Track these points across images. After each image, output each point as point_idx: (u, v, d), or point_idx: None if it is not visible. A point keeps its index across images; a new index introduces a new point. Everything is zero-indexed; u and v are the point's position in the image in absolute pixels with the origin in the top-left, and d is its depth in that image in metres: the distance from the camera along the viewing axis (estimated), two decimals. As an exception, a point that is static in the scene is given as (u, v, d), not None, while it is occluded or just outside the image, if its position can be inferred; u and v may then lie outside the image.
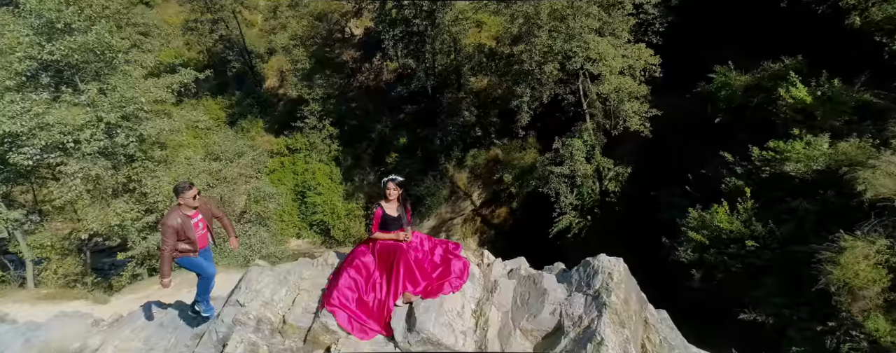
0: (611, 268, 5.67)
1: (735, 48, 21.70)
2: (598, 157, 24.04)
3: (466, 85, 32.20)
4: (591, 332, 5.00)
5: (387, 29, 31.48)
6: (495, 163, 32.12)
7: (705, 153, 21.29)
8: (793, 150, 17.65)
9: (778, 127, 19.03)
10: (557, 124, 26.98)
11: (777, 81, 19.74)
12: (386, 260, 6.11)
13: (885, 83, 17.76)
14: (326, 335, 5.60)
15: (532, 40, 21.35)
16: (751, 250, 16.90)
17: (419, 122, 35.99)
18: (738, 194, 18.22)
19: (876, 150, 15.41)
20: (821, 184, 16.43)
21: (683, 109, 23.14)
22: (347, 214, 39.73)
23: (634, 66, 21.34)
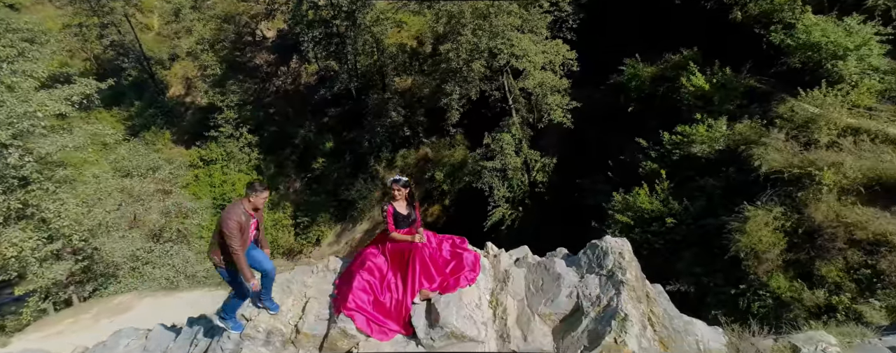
0: (620, 248, 6.17)
1: (641, 42, 23.66)
2: (526, 150, 25.17)
3: (391, 85, 32.23)
4: (612, 309, 5.40)
5: (304, 30, 30.65)
6: (425, 162, 32.47)
7: (622, 140, 23.07)
8: (697, 133, 19.67)
9: (683, 113, 21.10)
10: (484, 121, 27.83)
11: (679, 71, 21.90)
12: (399, 260, 6.18)
13: (765, 70, 20.33)
14: (345, 340, 5.54)
15: (458, 39, 21.95)
16: (670, 226, 18.62)
17: (344, 124, 35.44)
18: (655, 176, 19.99)
19: (765, 129, 17.61)
20: (723, 162, 18.50)
21: (599, 101, 24.87)
22: (275, 224, 38.17)
23: (554, 61, 22.62)
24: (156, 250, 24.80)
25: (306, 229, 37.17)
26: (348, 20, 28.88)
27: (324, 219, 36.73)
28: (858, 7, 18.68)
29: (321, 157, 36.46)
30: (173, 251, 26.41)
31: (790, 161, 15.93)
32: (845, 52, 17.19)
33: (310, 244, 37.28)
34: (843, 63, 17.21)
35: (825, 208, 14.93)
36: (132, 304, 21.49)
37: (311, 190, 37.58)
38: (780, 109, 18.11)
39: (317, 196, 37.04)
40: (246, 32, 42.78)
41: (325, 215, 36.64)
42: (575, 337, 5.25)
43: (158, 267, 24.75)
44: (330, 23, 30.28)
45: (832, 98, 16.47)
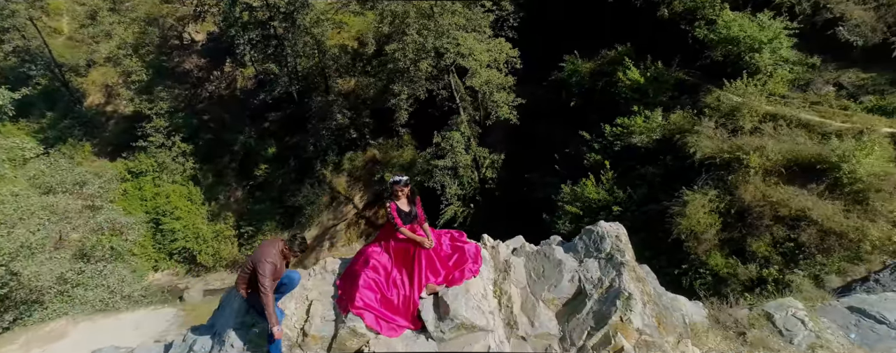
0: (616, 232, 6.60)
1: (578, 39, 24.80)
2: (475, 147, 25.71)
3: (334, 87, 31.77)
4: (615, 290, 5.78)
5: (239, 33, 29.56)
6: (374, 163, 32.31)
7: (566, 134, 24.14)
8: (635, 124, 20.98)
9: (621, 105, 22.39)
10: (431, 120, 28.10)
11: (615, 67, 23.21)
12: (404, 256, 6.27)
13: (692, 63, 21.95)
14: (354, 339, 5.54)
15: (404, 39, 22.07)
16: (617, 214, 19.72)
17: (287, 129, 34.54)
18: (600, 167, 21.12)
19: (697, 118, 19.08)
20: (661, 151, 19.87)
21: (542, 97, 25.84)
22: (216, 236, 36.57)
23: (498, 59, 23.26)
24: (87, 270, 23.16)
25: (251, 238, 35.87)
26: (287, 21, 28.18)
27: (270, 227, 35.60)
28: (768, 4, 20.61)
29: (264, 163, 35.32)
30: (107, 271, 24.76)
31: (720, 147, 17.40)
32: (760, 45, 18.94)
33: (255, 255, 36.02)
34: (759, 55, 18.96)
35: (753, 189, 16.45)
36: (66, 330, 19.95)
37: (255, 198, 36.31)
38: (708, 99, 19.68)
39: (261, 204, 35.85)
40: (172, 36, 40.60)
41: (271, 223, 35.53)
42: (580, 319, 5.63)
43: (91, 289, 23.12)
44: (267, 24, 29.41)
45: (752, 88, 18.13)
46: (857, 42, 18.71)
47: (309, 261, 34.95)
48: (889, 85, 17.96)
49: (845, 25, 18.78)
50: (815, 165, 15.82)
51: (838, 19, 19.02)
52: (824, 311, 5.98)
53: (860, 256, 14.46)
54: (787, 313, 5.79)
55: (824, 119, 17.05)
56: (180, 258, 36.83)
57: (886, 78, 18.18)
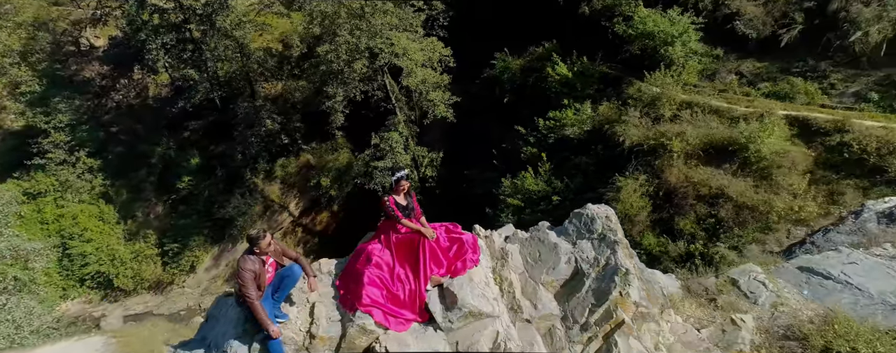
0: (605, 213, 7.07)
1: (507, 37, 25.78)
2: (413, 147, 25.96)
3: (261, 92, 30.67)
4: (612, 267, 6.23)
5: (151, 37, 27.65)
6: (308, 169, 31.60)
7: (502, 130, 25.05)
8: (567, 117, 22.23)
9: (552, 100, 23.61)
10: (366, 122, 27.99)
11: (543, 62, 24.40)
12: (406, 250, 6.37)
13: (613, 57, 23.56)
14: (363, 337, 5.62)
15: (336, 40, 21.81)
16: (556, 203, 20.85)
17: (211, 138, 32.84)
18: (536, 160, 22.14)
19: (622, 109, 20.57)
20: (592, 141, 21.21)
21: (476, 94, 26.60)
22: (135, 256, 34.07)
23: (432, 58, 23.64)
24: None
25: (177, 256, 33.79)
26: (205, 24, 26.76)
27: (197, 242, 33.71)
28: (676, 0, 22.58)
29: (186, 175, 33.35)
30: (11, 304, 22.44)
31: (646, 135, 18.93)
32: (672, 39, 20.76)
33: (182, 273, 34.02)
34: (672, 48, 20.79)
35: (677, 172, 18.06)
36: (-28, 373, 17.95)
37: (179, 213, 34.20)
38: (630, 90, 21.28)
39: (186, 219, 33.84)
40: (67, 41, 37.14)
41: (199, 238, 33.66)
42: (580, 298, 6.08)
43: (-8, 325, 20.88)
44: (182, 27, 27.77)
45: (669, 79, 19.85)
46: (752, 35, 21.07)
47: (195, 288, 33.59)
48: (780, 72, 20.40)
49: (741, 20, 21.09)
50: (728, 147, 17.66)
51: (735, 14, 21.30)
52: (779, 273, 6.90)
53: (769, 226, 16.40)
54: (750, 277, 6.65)
55: (731, 105, 19.07)
56: (94, 284, 33.96)
57: (777, 66, 20.64)
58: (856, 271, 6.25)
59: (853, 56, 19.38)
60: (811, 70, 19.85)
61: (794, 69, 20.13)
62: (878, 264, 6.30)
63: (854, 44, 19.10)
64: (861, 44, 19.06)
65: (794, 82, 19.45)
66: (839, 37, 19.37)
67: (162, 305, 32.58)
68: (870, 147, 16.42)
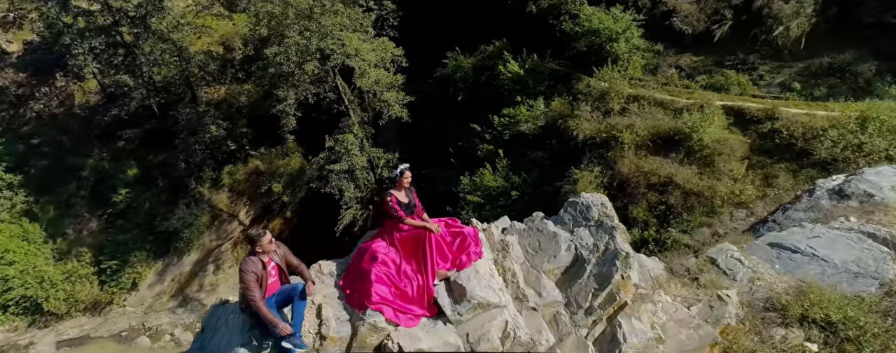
0: (600, 200, 7.40)
1: (458, 35, 26.19)
2: (369, 148, 25.85)
3: (203, 97, 29.45)
4: (612, 252, 6.56)
5: (76, 41, 25.86)
6: (258, 175, 30.71)
7: (458, 128, 25.46)
8: (521, 113, 22.94)
9: (505, 97, 24.25)
10: (318, 125, 27.60)
11: (495, 61, 25.02)
12: (411, 247, 6.42)
13: (562, 54, 24.51)
14: (374, 335, 5.68)
15: (285, 41, 21.35)
16: (515, 198, 21.49)
17: (149, 147, 31.20)
18: (494, 157, 22.69)
19: (573, 104, 21.47)
20: (547, 136, 22.00)
21: (430, 93, 26.86)
22: (67, 277, 31.83)
23: (385, 58, 23.64)
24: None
25: (115, 274, 31.84)
26: (138, 27, 25.35)
27: (139, 258, 31.92)
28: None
29: (123, 187, 31.47)
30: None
31: (598, 128, 19.89)
32: (616, 35, 21.87)
33: (123, 292, 32.15)
34: (617, 44, 21.91)
35: (628, 162, 19.11)
36: None
37: (116, 228, 32.25)
38: (580, 86, 22.24)
39: (125, 233, 31.96)
40: (-28, 47, 34.12)
41: (141, 254, 31.89)
42: (582, 283, 6.41)
43: None
44: (112, 31, 26.18)
45: (616, 74, 20.92)
46: (688, 30, 22.59)
47: (191, 289, 32.25)
48: (714, 65, 22.01)
49: (677, 16, 22.55)
50: (673, 137, 18.88)
51: (672, 11, 22.74)
52: (751, 250, 7.57)
53: (714, 210, 17.71)
54: (727, 255, 7.27)
55: (674, 97, 20.37)
56: (19, 310, 31.46)
57: (712, 60, 22.25)
58: (820, 244, 7.02)
59: (777, 49, 21.22)
60: (742, 63, 21.56)
61: (727, 62, 21.79)
62: (839, 237, 7.10)
63: (777, 38, 20.92)
64: (783, 38, 20.90)
65: (728, 74, 21.05)
66: (764, 32, 21.15)
67: (100, 327, 30.72)
68: (797, 133, 18.07)
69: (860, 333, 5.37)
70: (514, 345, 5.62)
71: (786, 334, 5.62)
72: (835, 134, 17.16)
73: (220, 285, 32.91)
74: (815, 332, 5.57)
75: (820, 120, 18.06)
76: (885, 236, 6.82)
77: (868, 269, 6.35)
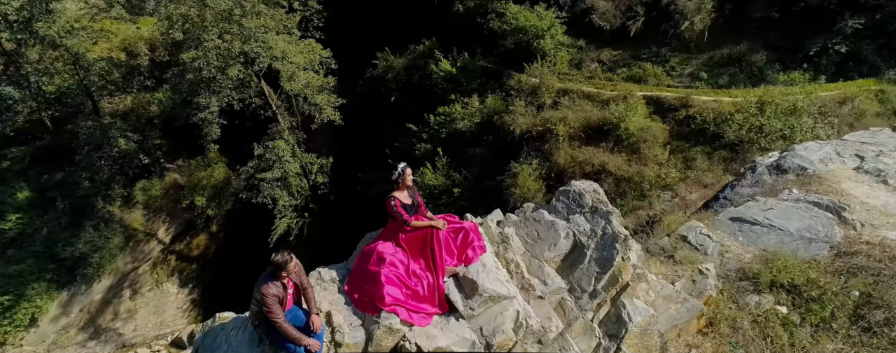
0: (592, 187, 7.67)
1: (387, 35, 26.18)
2: (300, 154, 25.16)
3: (106, 108, 26.98)
4: (610, 236, 6.81)
5: (-56, 50, 22.69)
6: (177, 189, 28.75)
7: (393, 128, 25.48)
8: (456, 111, 23.43)
9: (439, 96, 24.65)
10: (243, 132, 26.44)
11: (426, 60, 25.32)
12: (418, 246, 6.42)
13: (491, 52, 25.31)
14: (390, 337, 5.69)
15: (204, 45, 20.12)
16: (457, 195, 21.95)
17: (43, 165, 28.09)
18: (433, 155, 23.01)
19: (507, 100, 22.29)
20: (484, 132, 22.66)
21: (362, 95, 26.63)
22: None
23: (313, 60, 23.08)
24: None
25: (8, 310, 28.47)
26: (23, 33, 22.64)
27: (37, 290, 28.73)
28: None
29: (13, 213, 28.17)
30: None
31: (533, 122, 20.82)
32: (542, 32, 22.99)
33: (18, 329, 28.87)
34: (543, 41, 23.03)
35: (564, 153, 20.21)
36: None
37: (6, 258, 28.80)
38: (511, 82, 23.13)
39: (18, 264, 28.63)
40: None
41: (40, 285, 28.70)
42: (584, 269, 6.74)
43: None
44: (-15, 36, 23.27)
45: (545, 69, 22.00)
46: (606, 26, 24.23)
47: (104, 319, 29.63)
48: (632, 59, 23.83)
49: (596, 13, 24.12)
50: (603, 127, 20.24)
51: (591, 9, 24.27)
52: (715, 225, 8.39)
53: (644, 193, 19.23)
54: (696, 232, 8.00)
55: (599, 90, 21.81)
56: None
57: (629, 53, 24.07)
58: (775, 215, 7.98)
59: (685, 42, 23.40)
60: (655, 55, 23.52)
61: (643, 55, 23.67)
62: (790, 207, 8.12)
63: (684, 32, 23.08)
64: (689, 32, 23.09)
65: (645, 67, 22.89)
66: (672, 26, 23.24)
67: (-9, 373, 27.50)
68: (708, 118, 20.09)
69: (822, 292, 6.27)
70: (527, 334, 5.90)
71: (759, 300, 6.42)
72: (740, 118, 19.28)
73: (140, 311, 30.64)
74: (783, 295, 6.42)
75: (726, 106, 20.19)
76: (827, 204, 7.94)
77: (819, 234, 7.38)
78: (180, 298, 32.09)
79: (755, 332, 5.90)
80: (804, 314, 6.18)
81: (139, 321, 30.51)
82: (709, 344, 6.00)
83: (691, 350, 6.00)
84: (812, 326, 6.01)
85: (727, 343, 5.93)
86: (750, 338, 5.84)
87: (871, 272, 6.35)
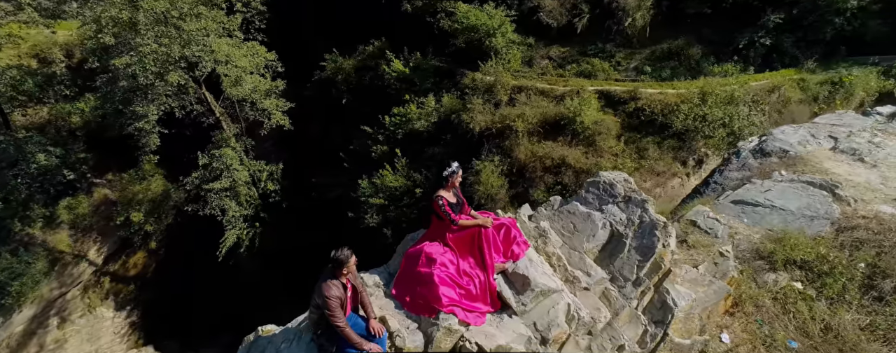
0: (622, 176, 7.71)
1: (334, 36, 25.60)
2: (248, 161, 24.16)
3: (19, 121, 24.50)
4: (648, 224, 6.96)
5: None
6: (108, 205, 26.68)
7: (347, 131, 24.99)
8: (411, 112, 23.35)
9: (392, 97, 24.44)
10: (182, 141, 24.99)
11: (377, 60, 25.01)
12: (467, 245, 6.37)
13: (442, 51, 25.41)
14: (449, 339, 5.64)
15: (140, 50, 18.73)
16: (419, 195, 21.90)
17: (-55, 187, 25.14)
18: (391, 156, 22.80)
19: (464, 98, 22.49)
20: (442, 131, 22.74)
21: (311, 98, 25.91)
22: None
23: (259, 63, 22.18)
24: None
25: (-90, 354, 25.55)
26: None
27: (-55, 329, 25.92)
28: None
29: None
30: None
31: (492, 119, 21.17)
32: (493, 30, 23.38)
33: (-80, 378, 25.94)
34: (495, 39, 23.42)
35: (524, 149, 20.72)
36: None
37: None
38: (466, 81, 23.37)
39: (-81, 303, 25.61)
40: None
41: (-52, 323, 25.91)
42: (624, 258, 6.87)
43: None
44: None
45: (500, 67, 22.41)
46: (553, 24, 25.02)
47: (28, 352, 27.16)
48: (580, 55, 24.79)
49: (543, 11, 24.84)
50: (560, 122, 20.93)
51: (538, 7, 24.95)
52: (719, 209, 8.86)
53: (602, 183, 20.06)
54: (704, 216, 8.42)
55: (552, 86, 22.52)
56: None
57: (577, 50, 25.01)
58: (774, 196, 8.61)
59: (628, 38, 24.65)
60: (601, 51, 24.60)
61: (590, 51, 24.68)
62: (786, 188, 8.79)
63: (627, 28, 24.29)
64: (631, 28, 24.35)
65: (593, 62, 23.89)
66: (616, 23, 24.40)
67: None
68: (656, 110, 21.30)
69: (832, 267, 6.87)
70: (578, 326, 6.05)
71: (776, 277, 6.93)
72: (686, 108, 20.60)
73: (70, 340, 28.39)
74: (797, 272, 6.97)
75: (671, 97, 21.50)
76: (820, 183, 8.70)
77: (819, 212, 8.06)
78: (117, 322, 29.88)
79: (777, 309, 6.38)
80: (820, 289, 6.74)
81: (70, 350, 28.16)
82: (737, 324, 6.42)
83: (723, 331, 6.38)
84: (828, 299, 6.57)
85: (753, 322, 6.37)
86: (773, 315, 6.30)
87: (872, 245, 7.04)
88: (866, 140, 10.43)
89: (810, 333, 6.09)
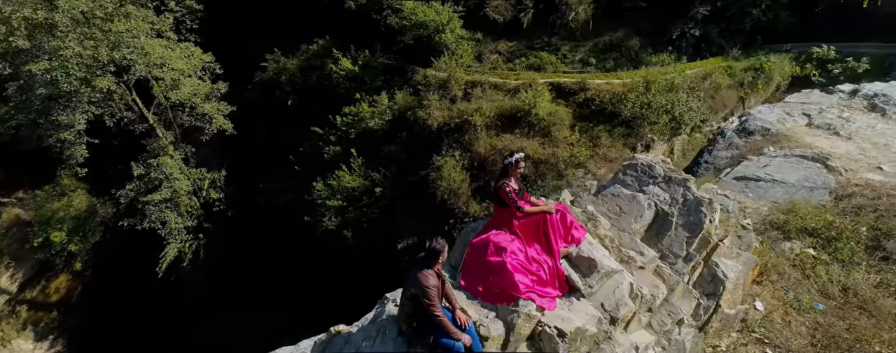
0: (660, 158, 7.88)
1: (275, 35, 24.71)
2: (188, 169, 22.82)
3: None
4: (692, 201, 7.28)
5: None
6: (22, 226, 24.27)
7: (295, 132, 24.18)
8: (364, 110, 23.04)
9: (342, 96, 23.96)
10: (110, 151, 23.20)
11: (323, 59, 24.43)
12: (533, 232, 6.48)
13: (390, 48, 25.23)
14: (527, 324, 5.77)
15: (60, 53, 17.04)
16: (379, 194, 21.65)
17: None
18: (346, 157, 22.36)
19: (418, 95, 22.48)
20: (397, 129, 22.59)
21: (253, 100, 24.87)
22: None
23: (196, 65, 20.98)
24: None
25: None
26: None
27: None
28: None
29: None
30: None
31: (449, 115, 21.33)
32: (442, 26, 23.56)
33: None
34: (444, 35, 23.62)
35: (483, 143, 21.04)
36: None
37: None
38: (417, 77, 23.40)
39: None
40: None
41: None
42: (671, 236, 7.10)
43: None
44: None
45: (453, 63, 22.63)
46: (500, 19, 25.59)
47: None
48: (527, 49, 25.53)
49: (490, 7, 25.35)
50: (516, 114, 21.44)
51: (484, 2, 25.43)
52: (724, 185, 9.41)
53: (561, 173, 20.83)
54: (714, 193, 8.87)
55: (505, 80, 23.03)
56: None
57: (524, 44, 25.74)
58: (773, 170, 9.31)
59: (572, 31, 25.71)
60: (547, 45, 25.49)
61: (537, 45, 25.49)
62: (782, 162, 9.54)
63: (570, 22, 25.33)
64: (574, 22, 25.42)
65: (541, 56, 24.68)
66: (560, 17, 25.37)
67: None
68: (605, 99, 22.34)
69: (839, 232, 7.58)
70: (642, 304, 6.35)
71: (791, 246, 7.57)
72: (633, 97, 21.79)
73: (-15, 380, 25.63)
74: (809, 239, 7.65)
75: (618, 87, 22.66)
76: (812, 156, 9.56)
77: (816, 182, 8.84)
78: (38, 353, 27.19)
79: (798, 275, 6.99)
80: (831, 253, 7.45)
81: (-15, 393, 25.40)
82: (766, 292, 6.97)
83: (755, 299, 6.90)
84: (840, 262, 7.28)
85: (780, 289, 6.94)
86: (796, 281, 6.91)
87: (870, 210, 7.88)
88: (836, 115, 11.63)
89: (831, 294, 6.74)
